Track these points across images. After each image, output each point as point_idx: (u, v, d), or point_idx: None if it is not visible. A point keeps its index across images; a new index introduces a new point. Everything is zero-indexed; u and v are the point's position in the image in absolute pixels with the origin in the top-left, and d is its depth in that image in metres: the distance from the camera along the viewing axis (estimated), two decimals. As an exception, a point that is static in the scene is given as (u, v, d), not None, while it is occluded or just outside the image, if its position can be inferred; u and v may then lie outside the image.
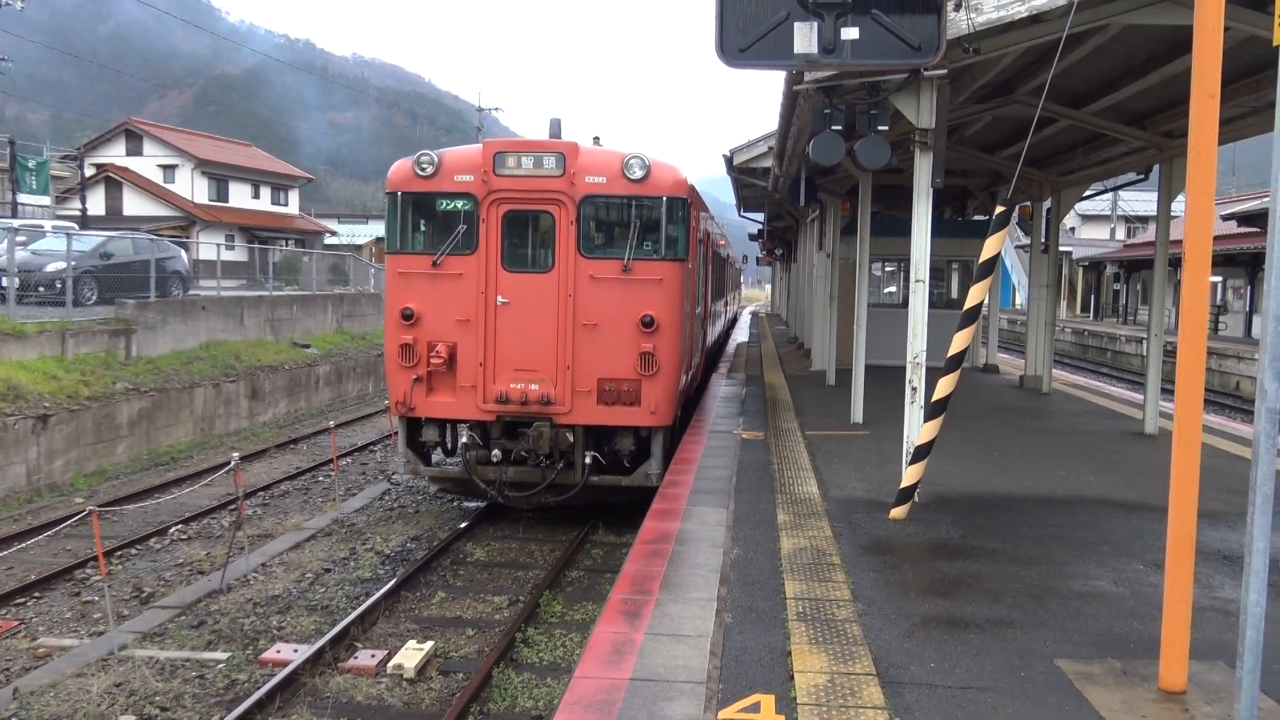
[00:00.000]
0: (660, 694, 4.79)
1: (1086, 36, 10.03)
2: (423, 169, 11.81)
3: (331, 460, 15.85)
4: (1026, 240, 24.97)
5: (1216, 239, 35.63)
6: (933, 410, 8.02)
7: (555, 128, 12.82)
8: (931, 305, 20.33)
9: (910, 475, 8.28)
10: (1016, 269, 56.67)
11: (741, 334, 35.69)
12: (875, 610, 6.03)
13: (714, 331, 22.04)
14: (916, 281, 8.71)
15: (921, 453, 8.18)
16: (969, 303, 7.87)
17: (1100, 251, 55.28)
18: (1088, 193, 17.82)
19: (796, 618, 5.87)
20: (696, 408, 15.15)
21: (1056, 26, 8.38)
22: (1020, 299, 55.98)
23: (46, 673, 8.30)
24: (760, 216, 33.06)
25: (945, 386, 7.91)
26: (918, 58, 4.97)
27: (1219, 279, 42.10)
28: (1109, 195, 58.13)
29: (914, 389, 8.69)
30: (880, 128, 8.35)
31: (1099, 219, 63.69)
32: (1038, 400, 16.59)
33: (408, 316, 11.72)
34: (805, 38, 4.95)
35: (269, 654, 8.69)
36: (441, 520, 13.31)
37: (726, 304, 29.74)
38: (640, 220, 11.71)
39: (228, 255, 43.79)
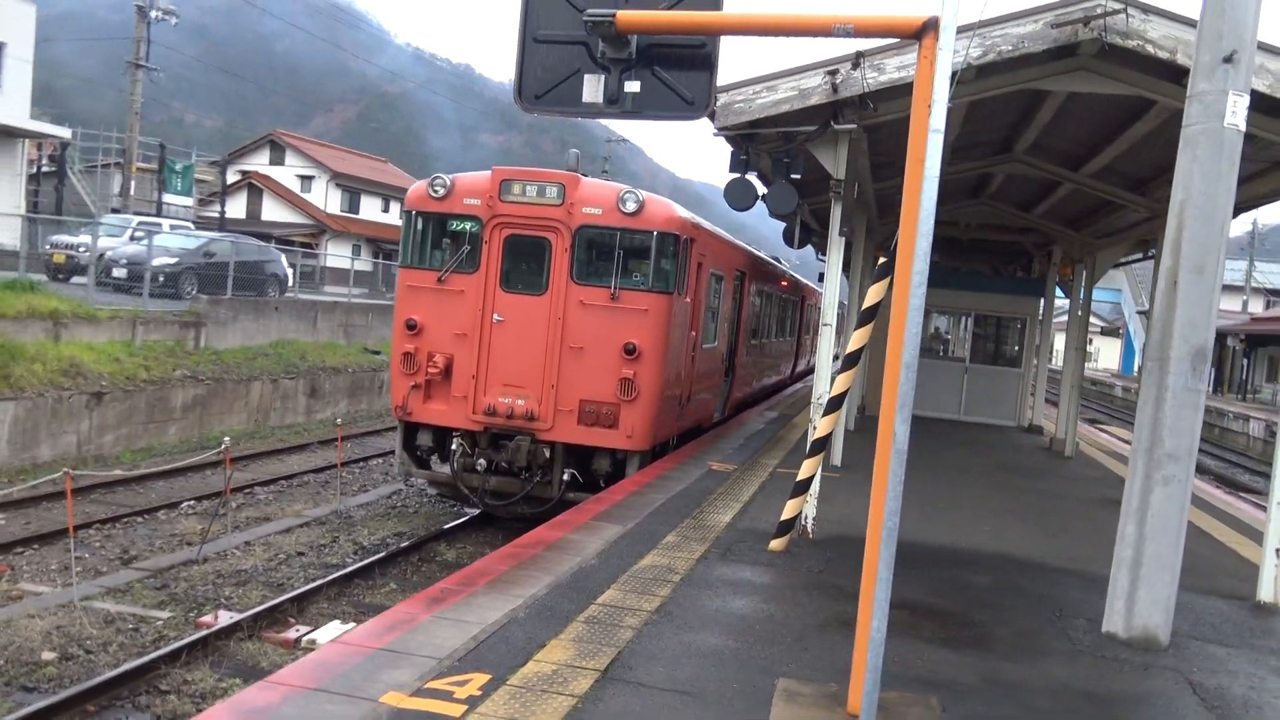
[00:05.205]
0: (391, 663, 5.34)
1: (1042, 97, 10.18)
2: (436, 191, 12.73)
3: (343, 460, 16.84)
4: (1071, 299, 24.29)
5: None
6: (813, 449, 8.33)
7: (573, 159, 13.64)
8: (978, 360, 20.05)
9: (789, 509, 8.59)
10: (1139, 334, 54.68)
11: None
12: (668, 621, 6.41)
13: (763, 369, 22.28)
14: (824, 325, 9.03)
15: (801, 488, 8.49)
16: (850, 348, 8.15)
17: (1225, 323, 52.75)
18: (1130, 258, 17.56)
19: (584, 620, 6.31)
20: (704, 437, 15.52)
21: (971, 89, 8.66)
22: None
23: (8, 611, 9.37)
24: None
25: (825, 426, 8.20)
26: (691, 111, 5.44)
27: None
28: (1243, 263, 55.68)
29: (814, 428, 8.98)
30: (794, 175, 8.77)
31: (1231, 290, 60.76)
32: (1052, 462, 16.35)
33: (411, 327, 12.60)
34: (593, 89, 5.48)
35: (206, 618, 9.55)
36: (434, 521, 14.09)
37: (797, 344, 29.80)
38: (630, 252, 12.34)
39: (358, 265, 46.34)
